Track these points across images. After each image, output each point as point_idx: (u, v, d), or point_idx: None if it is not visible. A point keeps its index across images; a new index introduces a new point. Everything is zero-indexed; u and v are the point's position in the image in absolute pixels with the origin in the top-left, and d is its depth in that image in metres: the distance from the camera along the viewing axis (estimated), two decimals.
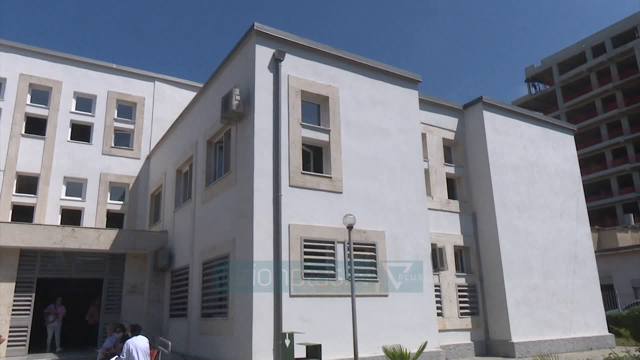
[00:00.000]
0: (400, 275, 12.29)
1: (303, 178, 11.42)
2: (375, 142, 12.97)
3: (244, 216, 10.89)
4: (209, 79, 13.96)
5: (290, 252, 10.69)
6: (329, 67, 12.74)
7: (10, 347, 13.57)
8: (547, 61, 54.12)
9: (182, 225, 14.96)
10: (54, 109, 18.63)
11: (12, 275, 13.97)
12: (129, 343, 9.66)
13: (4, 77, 17.99)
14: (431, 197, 15.46)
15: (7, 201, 17.02)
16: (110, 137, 19.46)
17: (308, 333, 10.02)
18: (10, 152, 17.44)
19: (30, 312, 14.15)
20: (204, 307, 12.52)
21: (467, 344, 14.74)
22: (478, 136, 16.69)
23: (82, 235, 14.70)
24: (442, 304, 14.66)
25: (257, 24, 11.61)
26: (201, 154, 13.98)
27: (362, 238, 11.87)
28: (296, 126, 11.68)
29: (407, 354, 8.98)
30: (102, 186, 18.78)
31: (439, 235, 15.19)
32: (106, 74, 19.96)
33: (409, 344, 10.18)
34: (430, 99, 16.58)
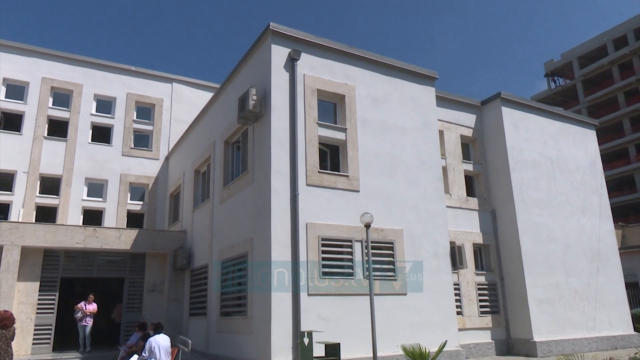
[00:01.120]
0: (418, 273, 12.20)
1: (320, 177, 11.43)
2: (392, 140, 12.90)
3: (262, 215, 10.94)
4: (226, 79, 14.05)
5: (308, 251, 10.71)
6: (345, 65, 12.72)
7: (36, 345, 13.89)
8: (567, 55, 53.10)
9: (200, 224, 15.10)
10: (75, 111, 18.97)
11: (36, 275, 14.29)
12: (151, 341, 9.80)
13: (27, 81, 18.40)
14: (449, 194, 15.32)
15: (31, 202, 17.41)
16: (129, 139, 19.75)
17: (326, 332, 10.04)
18: (33, 154, 17.83)
19: (54, 311, 14.45)
20: (223, 306, 12.63)
21: (488, 343, 14.58)
22: (497, 132, 16.48)
23: (103, 235, 14.96)
24: (462, 302, 14.51)
25: (272, 24, 11.65)
26: (219, 154, 14.09)
27: (380, 236, 11.82)
28: (312, 125, 11.69)
29: (426, 353, 8.93)
30: (122, 187, 19.07)
31: (458, 233, 15.04)
32: (125, 76, 20.25)
33: (428, 343, 10.12)
34: (448, 95, 16.42)
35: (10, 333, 7.98)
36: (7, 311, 8.30)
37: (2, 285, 13.20)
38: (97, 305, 14.84)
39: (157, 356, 9.63)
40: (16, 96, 18.27)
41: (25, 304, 13.90)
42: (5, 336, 7.86)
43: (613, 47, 48.74)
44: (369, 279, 9.94)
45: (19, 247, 13.66)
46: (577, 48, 52.32)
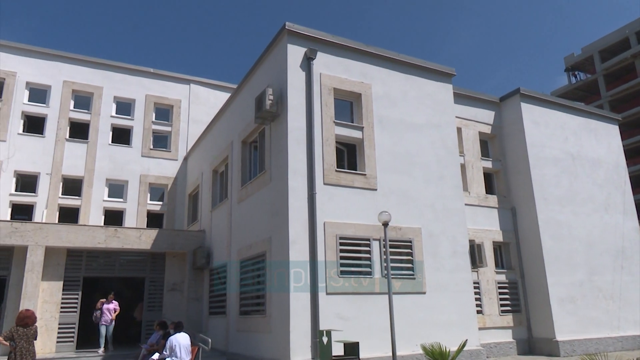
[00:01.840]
0: (437, 272, 12.10)
1: (337, 176, 11.42)
2: (409, 138, 12.82)
3: (279, 215, 10.98)
4: (243, 79, 14.13)
5: (326, 250, 10.71)
6: (361, 63, 12.68)
7: (60, 343, 14.18)
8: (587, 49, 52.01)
9: (219, 224, 15.23)
10: (96, 113, 19.30)
11: (60, 275, 14.59)
12: (172, 339, 9.92)
13: (49, 85, 18.78)
14: (468, 192, 15.16)
15: (54, 203, 17.77)
16: (148, 140, 20.01)
17: (345, 331, 10.03)
18: (56, 156, 18.19)
19: (78, 310, 14.73)
20: (242, 305, 12.71)
21: (509, 342, 14.39)
22: (516, 129, 16.25)
23: (124, 235, 15.19)
24: (482, 301, 14.36)
25: (288, 24, 11.67)
26: (236, 154, 14.18)
27: (398, 235, 11.76)
28: (329, 124, 11.68)
29: (446, 352, 8.85)
30: (142, 187, 19.34)
31: (477, 231, 14.88)
32: (144, 79, 20.52)
33: (448, 342, 10.03)
34: (466, 92, 16.25)
35: (32, 332, 8.08)
36: (29, 310, 8.44)
37: (27, 285, 13.50)
38: (118, 303, 14.74)
39: (177, 354, 9.74)
40: (39, 99, 18.67)
41: (49, 303, 14.20)
42: (27, 334, 7.97)
43: (635, 39, 47.56)
44: (387, 278, 9.89)
45: (43, 247, 13.97)
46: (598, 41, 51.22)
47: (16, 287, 13.78)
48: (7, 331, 8.13)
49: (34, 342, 8.15)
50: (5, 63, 18.13)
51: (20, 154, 17.62)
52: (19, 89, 18.19)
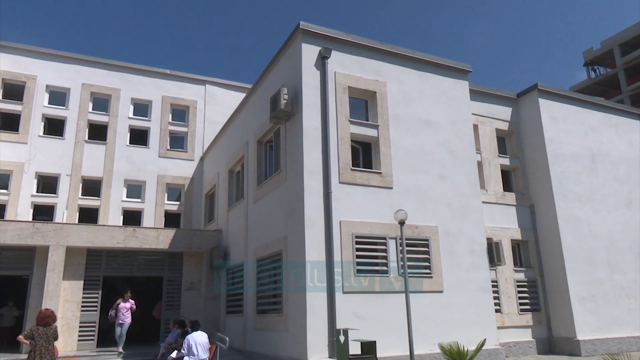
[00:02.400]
0: (454, 270, 12.00)
1: (353, 174, 11.39)
2: (425, 135, 12.73)
3: (295, 214, 11.00)
4: (257, 79, 14.19)
5: (342, 249, 10.70)
6: (376, 61, 12.63)
7: (81, 342, 14.42)
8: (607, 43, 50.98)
9: (235, 223, 15.32)
10: (114, 115, 19.58)
11: (80, 274, 14.84)
12: (189, 338, 10.01)
13: (68, 88, 19.10)
14: (485, 190, 15.01)
15: (74, 204, 18.08)
16: (165, 140, 20.23)
17: (362, 330, 10.00)
18: (75, 157, 18.51)
19: (98, 309, 14.96)
20: (259, 304, 12.77)
21: (529, 342, 14.21)
22: (534, 125, 16.03)
23: (142, 235, 15.38)
24: (500, 300, 14.21)
25: (302, 23, 11.68)
26: (252, 153, 14.25)
27: (415, 233, 11.69)
28: (344, 123, 11.66)
29: (464, 351, 8.79)
30: (159, 187, 19.56)
31: (495, 229, 14.72)
32: (160, 80, 20.75)
33: (466, 341, 9.95)
34: (482, 89, 16.08)
35: (51, 331, 8.12)
36: (49, 309, 8.49)
37: (49, 284, 13.77)
38: (134, 302, 14.34)
39: (195, 353, 9.83)
40: (58, 102, 19.01)
41: (70, 302, 14.45)
42: (46, 334, 8.03)
43: None
44: (404, 277, 9.84)
45: (63, 247, 14.22)
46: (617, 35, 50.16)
47: (38, 286, 14.06)
48: (28, 330, 8.25)
49: (54, 342, 8.20)
50: (26, 67, 18.49)
51: (41, 156, 17.97)
52: (39, 92, 18.55)
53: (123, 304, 14.03)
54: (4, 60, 18.12)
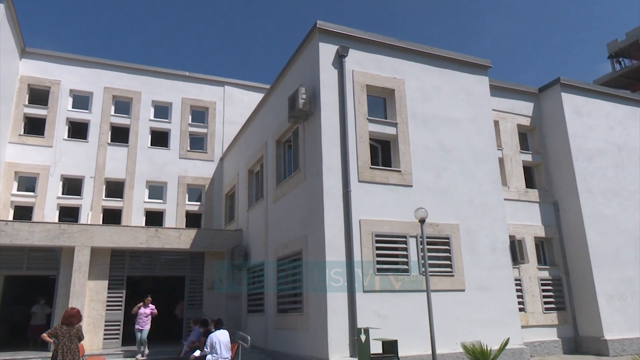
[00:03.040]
0: (476, 269, 11.85)
1: (372, 173, 11.35)
2: (445, 132, 12.60)
3: (315, 213, 11.01)
4: (275, 79, 14.24)
5: (362, 247, 10.67)
6: (394, 59, 12.55)
7: (106, 340, 14.72)
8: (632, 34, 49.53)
9: (255, 223, 15.42)
10: (135, 117, 19.90)
11: (105, 274, 15.13)
12: (212, 337, 10.12)
13: (91, 91, 19.49)
14: (507, 187, 14.79)
15: (98, 205, 18.45)
16: (185, 142, 20.48)
17: (383, 329, 9.95)
18: (99, 160, 18.88)
19: (122, 308, 15.24)
20: (279, 303, 12.82)
21: (554, 341, 13.94)
22: (557, 120, 15.71)
23: (164, 236, 15.60)
24: (524, 298, 13.98)
25: (319, 22, 11.68)
26: (271, 153, 14.32)
27: (435, 231, 11.58)
28: (363, 121, 11.62)
29: (488, 351, 8.68)
30: (180, 188, 19.82)
31: (518, 227, 14.48)
32: (179, 82, 21.01)
33: (489, 340, 9.83)
34: (502, 84, 15.83)
35: (74, 330, 8.13)
36: (74, 309, 8.50)
37: (75, 284, 14.09)
38: (154, 307, 13.84)
39: (217, 351, 9.94)
40: (82, 106, 19.41)
41: (95, 302, 14.76)
42: (69, 333, 8.05)
43: None
44: (425, 275, 9.76)
45: (88, 248, 14.53)
46: None
47: (65, 286, 14.40)
48: (52, 329, 8.35)
49: (78, 341, 8.21)
50: (51, 72, 18.93)
51: (66, 159, 18.38)
52: (63, 97, 18.96)
53: (143, 310, 13.61)
54: (29, 67, 18.60)
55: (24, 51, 18.48)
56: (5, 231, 13.77)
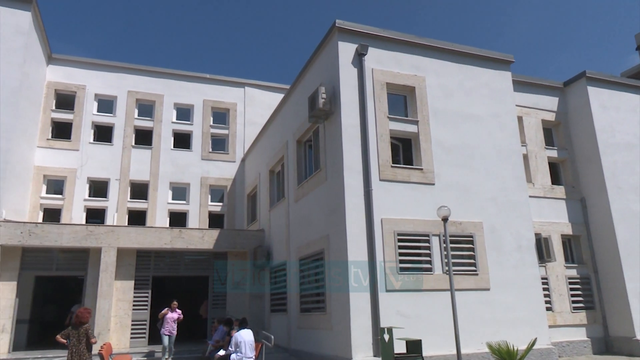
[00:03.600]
0: (501, 267, 11.66)
1: (393, 171, 11.27)
2: (467, 129, 12.44)
3: (336, 212, 11.00)
4: (295, 79, 14.27)
5: (385, 246, 10.61)
6: (414, 56, 12.45)
7: (133, 339, 15.00)
8: None
9: (277, 223, 15.49)
10: (158, 120, 20.21)
11: (131, 274, 15.42)
12: (237, 336, 10.21)
13: (115, 95, 19.87)
14: (532, 183, 14.52)
15: (123, 207, 18.81)
16: (207, 143, 20.70)
17: (406, 328, 9.88)
18: (123, 162, 19.24)
19: (148, 307, 15.51)
20: (302, 303, 12.85)
21: (583, 341, 13.62)
22: (583, 115, 15.34)
23: (188, 236, 15.81)
24: (551, 297, 13.71)
25: (338, 21, 11.66)
26: (292, 153, 14.36)
27: (458, 230, 11.44)
28: (383, 119, 11.56)
29: (514, 351, 8.54)
30: (202, 189, 20.05)
31: (543, 224, 14.20)
32: (200, 84, 21.26)
33: (516, 340, 9.67)
34: (526, 79, 15.56)
35: (82, 331, 8.35)
36: (85, 309, 8.81)
37: (102, 284, 14.40)
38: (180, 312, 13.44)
39: (242, 350, 10.02)
40: (106, 110, 19.81)
41: (122, 301, 15.05)
42: (78, 333, 8.30)
43: None
44: (449, 274, 9.65)
45: (115, 249, 14.83)
46: None
47: (93, 286, 14.73)
48: (65, 330, 8.60)
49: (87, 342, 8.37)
50: (76, 77, 19.37)
51: (92, 162, 18.78)
52: (88, 101, 19.38)
53: (170, 315, 13.12)
54: (56, 73, 19.06)
55: (50, 57, 18.96)
56: (35, 233, 14.16)
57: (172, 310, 13.23)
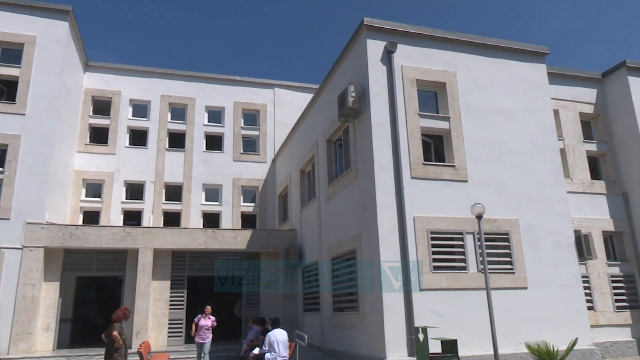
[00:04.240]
0: (540, 266, 11.33)
1: (425, 169, 11.13)
2: (500, 124, 12.15)
3: (368, 211, 10.94)
4: (324, 79, 14.28)
5: (417, 245, 10.49)
6: (444, 51, 12.26)
7: (170, 338, 15.34)
8: None
9: (308, 223, 15.53)
10: (190, 123, 20.61)
11: (167, 274, 15.78)
12: (270, 335, 10.28)
13: (149, 100, 20.38)
14: (570, 179, 14.06)
15: (158, 209, 19.26)
16: (239, 145, 20.97)
17: (441, 328, 9.72)
18: (158, 165, 19.71)
19: (184, 307, 15.83)
20: (335, 302, 12.85)
21: (628, 342, 13.10)
22: (624, 106, 14.75)
23: (221, 237, 16.05)
24: (593, 296, 13.24)
25: (366, 19, 11.60)
26: (322, 153, 14.37)
27: (493, 227, 11.19)
28: (414, 116, 11.42)
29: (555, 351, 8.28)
30: (235, 190, 20.32)
31: (583, 221, 13.73)
32: (231, 87, 21.55)
33: (556, 340, 9.38)
34: (562, 71, 15.08)
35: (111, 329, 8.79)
36: (122, 308, 9.24)
37: (139, 284, 14.79)
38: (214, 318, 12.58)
39: (276, 350, 10.08)
40: (141, 114, 20.34)
41: (159, 301, 15.42)
42: (109, 331, 8.76)
43: None
44: (485, 273, 9.44)
45: (151, 250, 15.21)
46: None
47: (131, 286, 15.16)
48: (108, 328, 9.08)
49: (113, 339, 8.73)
50: (112, 84, 19.97)
51: (128, 165, 19.32)
52: (123, 106, 19.95)
53: (203, 322, 12.25)
54: (92, 79, 19.70)
55: (87, 65, 19.60)
56: (76, 235, 14.67)
57: (205, 317, 12.37)
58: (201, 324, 12.19)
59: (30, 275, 13.95)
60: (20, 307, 13.63)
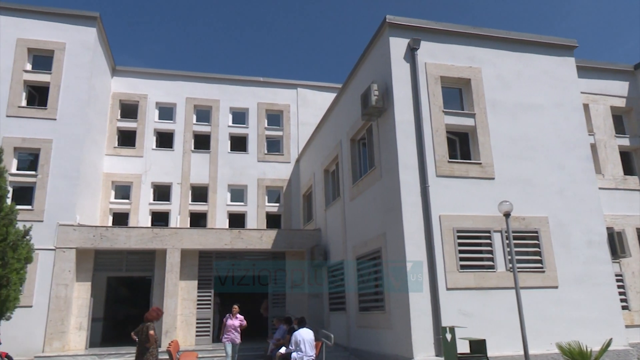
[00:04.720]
0: (571, 264, 11.06)
1: (450, 167, 10.99)
2: (527, 120, 11.90)
3: (393, 210, 10.87)
4: (347, 78, 14.25)
5: (444, 244, 10.38)
6: (468, 47, 12.09)
7: (198, 337, 15.57)
8: None
9: (333, 222, 15.53)
10: (215, 124, 20.87)
11: (194, 274, 16.02)
12: (297, 335, 10.33)
13: (175, 103, 20.71)
14: (602, 175, 13.69)
15: (185, 210, 19.57)
16: (263, 145, 21.13)
17: (469, 328, 9.60)
18: (184, 167, 20.04)
19: (212, 306, 16.04)
20: (361, 301, 12.81)
21: None
22: None
23: (247, 237, 16.20)
24: (627, 295, 12.86)
25: (389, 16, 11.53)
26: (346, 152, 14.35)
27: (522, 225, 10.97)
28: (438, 114, 11.30)
29: (588, 352, 8.06)
30: (259, 191, 20.48)
31: (616, 218, 13.34)
32: (254, 88, 21.73)
33: (588, 340, 9.12)
34: (592, 64, 14.69)
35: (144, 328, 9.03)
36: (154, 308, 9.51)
37: (168, 284, 15.06)
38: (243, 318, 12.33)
39: (302, 349, 10.13)
40: (167, 117, 20.69)
41: (187, 300, 15.66)
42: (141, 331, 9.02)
43: None
44: (513, 272, 9.26)
45: (179, 250, 15.46)
46: None
47: (159, 286, 15.44)
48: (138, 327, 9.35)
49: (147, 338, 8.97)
50: (138, 87, 20.38)
51: (155, 167, 19.69)
52: (150, 109, 20.33)
53: (231, 322, 12.07)
54: (120, 84, 20.15)
55: (114, 70, 20.05)
56: (106, 236, 15.04)
57: (232, 316, 12.15)
58: (228, 324, 12.07)
59: (63, 275, 14.36)
60: (54, 307, 14.04)
